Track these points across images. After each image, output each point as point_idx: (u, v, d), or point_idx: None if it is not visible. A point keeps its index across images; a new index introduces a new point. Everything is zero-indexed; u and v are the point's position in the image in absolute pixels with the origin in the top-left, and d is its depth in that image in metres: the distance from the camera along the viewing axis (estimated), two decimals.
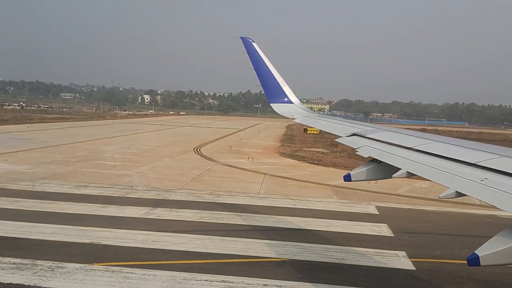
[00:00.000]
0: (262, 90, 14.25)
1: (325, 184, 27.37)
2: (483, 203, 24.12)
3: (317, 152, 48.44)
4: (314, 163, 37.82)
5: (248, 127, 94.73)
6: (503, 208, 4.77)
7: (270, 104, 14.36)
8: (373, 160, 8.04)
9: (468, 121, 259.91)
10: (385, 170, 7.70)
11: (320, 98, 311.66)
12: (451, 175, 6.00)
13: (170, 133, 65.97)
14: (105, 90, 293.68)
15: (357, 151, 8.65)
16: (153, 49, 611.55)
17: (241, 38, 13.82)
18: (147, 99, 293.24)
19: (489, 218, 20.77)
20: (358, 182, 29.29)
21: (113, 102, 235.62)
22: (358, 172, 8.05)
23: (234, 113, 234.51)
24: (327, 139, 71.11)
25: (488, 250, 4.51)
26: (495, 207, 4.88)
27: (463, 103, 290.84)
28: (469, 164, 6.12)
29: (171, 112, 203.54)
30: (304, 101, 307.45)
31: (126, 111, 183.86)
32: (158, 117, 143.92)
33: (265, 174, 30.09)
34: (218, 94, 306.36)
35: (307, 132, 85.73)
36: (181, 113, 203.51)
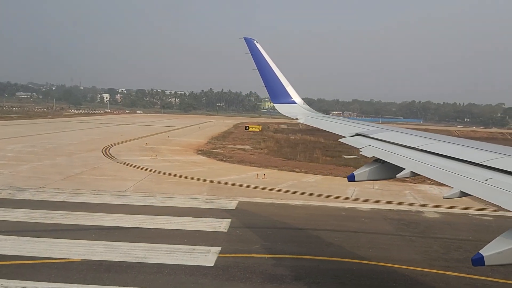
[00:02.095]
0: (265, 90, 14.10)
1: (209, 181, 26.82)
2: (353, 197, 24.40)
3: (239, 149, 48.07)
4: (223, 160, 37.32)
5: (192, 125, 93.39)
6: (508, 208, 4.68)
7: (274, 104, 14.12)
8: (377, 160, 7.88)
9: (424, 119, 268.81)
10: (389, 170, 7.59)
11: None
12: (455, 175, 5.94)
13: (99, 131, 63.81)
14: (64, 89, 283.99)
15: (361, 151, 8.48)
16: (115, 48, 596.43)
17: (245, 38, 13.56)
18: (107, 98, 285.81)
19: (344, 211, 20.84)
20: (246, 178, 28.96)
21: (70, 101, 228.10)
22: (361, 172, 7.90)
23: (194, 112, 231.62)
24: (264, 136, 71.23)
25: (493, 250, 4.43)
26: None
27: (419, 101, 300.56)
28: (473, 164, 6.07)
29: (127, 111, 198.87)
30: (266, 99, 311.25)
31: (79, 110, 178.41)
32: (109, 115, 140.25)
33: (155, 171, 29.26)
34: (180, 92, 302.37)
35: (249, 129, 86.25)
36: (137, 112, 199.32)
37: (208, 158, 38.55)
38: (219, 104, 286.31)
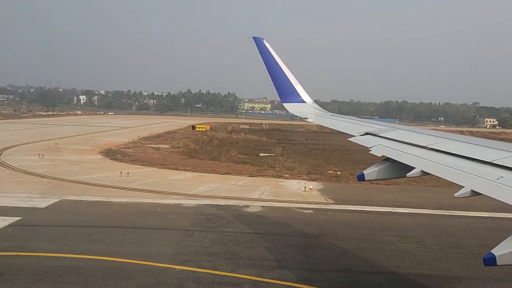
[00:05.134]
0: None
1: (61, 179, 26.13)
2: (197, 193, 24.00)
3: (154, 148, 47.58)
4: (116, 159, 36.69)
5: (139, 126, 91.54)
6: None
7: (283, 104, 14.00)
8: (387, 159, 7.87)
9: (399, 118, 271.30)
10: (399, 169, 7.56)
11: (264, 97, 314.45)
12: (466, 173, 5.92)
13: (27, 132, 62.15)
14: (41, 91, 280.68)
15: (370, 150, 8.48)
16: (96, 50, 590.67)
17: (253, 38, 13.53)
18: (83, 99, 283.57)
19: (162, 208, 20.38)
20: (109, 177, 28.21)
21: (46, 103, 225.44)
22: (371, 171, 7.88)
23: (170, 113, 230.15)
24: (205, 136, 70.66)
25: (505, 250, 4.37)
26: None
27: (396, 101, 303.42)
28: (484, 163, 6.04)
29: (99, 113, 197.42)
30: (246, 100, 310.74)
31: (48, 111, 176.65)
32: (71, 116, 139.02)
33: (18, 170, 28.62)
34: (157, 93, 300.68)
35: (195, 129, 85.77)
36: (109, 113, 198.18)
37: (104, 157, 37.90)
38: (198, 105, 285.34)
